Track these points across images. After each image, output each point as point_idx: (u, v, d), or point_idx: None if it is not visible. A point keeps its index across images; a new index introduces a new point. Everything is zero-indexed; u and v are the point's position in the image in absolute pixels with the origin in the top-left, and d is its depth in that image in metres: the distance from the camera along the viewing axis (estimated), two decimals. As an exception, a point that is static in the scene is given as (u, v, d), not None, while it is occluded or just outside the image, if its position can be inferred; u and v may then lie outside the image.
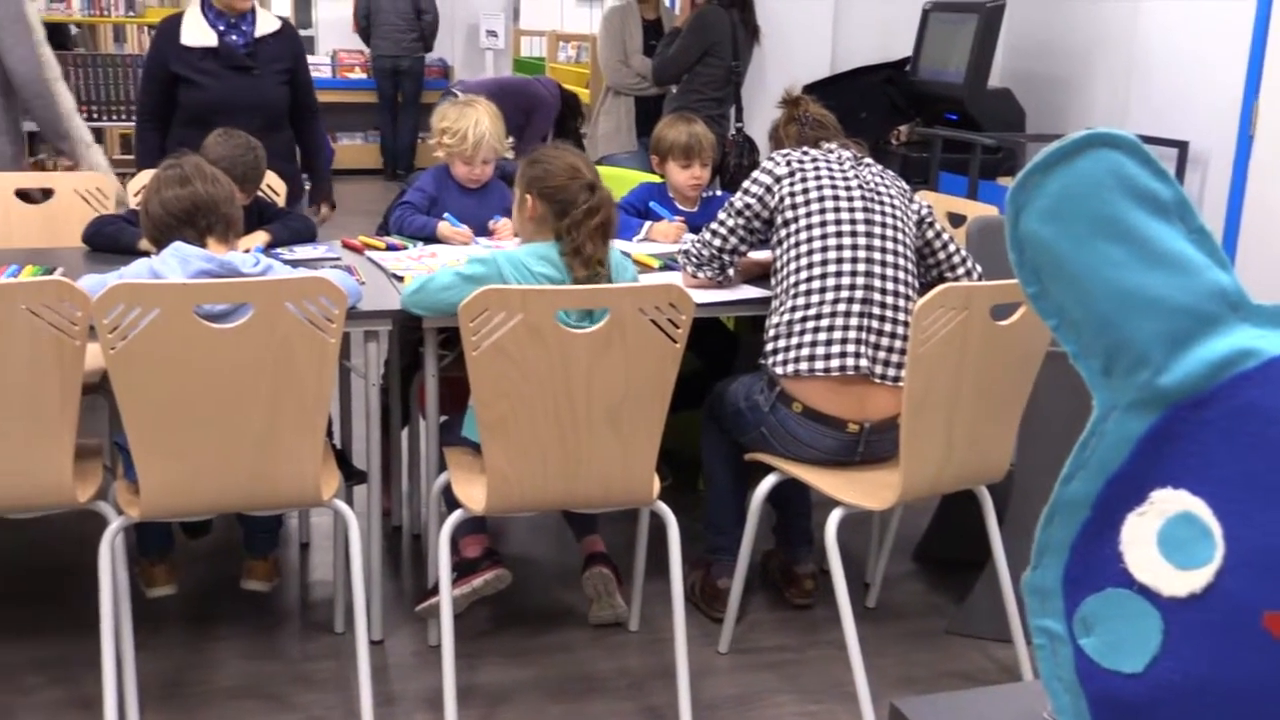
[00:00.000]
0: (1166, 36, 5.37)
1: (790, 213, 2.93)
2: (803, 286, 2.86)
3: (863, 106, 6.16)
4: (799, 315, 2.85)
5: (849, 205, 2.91)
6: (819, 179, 2.95)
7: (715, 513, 3.16)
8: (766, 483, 2.84)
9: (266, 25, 4.08)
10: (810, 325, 2.83)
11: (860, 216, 2.90)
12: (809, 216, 2.91)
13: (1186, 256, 0.78)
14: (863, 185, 2.95)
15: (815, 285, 2.85)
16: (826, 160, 3.00)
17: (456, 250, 3.45)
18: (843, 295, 2.83)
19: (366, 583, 2.73)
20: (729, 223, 3.03)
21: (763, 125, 4.02)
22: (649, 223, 3.79)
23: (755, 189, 3.00)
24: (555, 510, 2.90)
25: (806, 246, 2.89)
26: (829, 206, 2.91)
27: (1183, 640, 0.75)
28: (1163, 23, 5.38)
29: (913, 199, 3.06)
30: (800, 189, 2.94)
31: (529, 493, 2.60)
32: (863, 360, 2.80)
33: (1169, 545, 0.76)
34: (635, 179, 4.33)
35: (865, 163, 3.04)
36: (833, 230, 2.88)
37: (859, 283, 2.84)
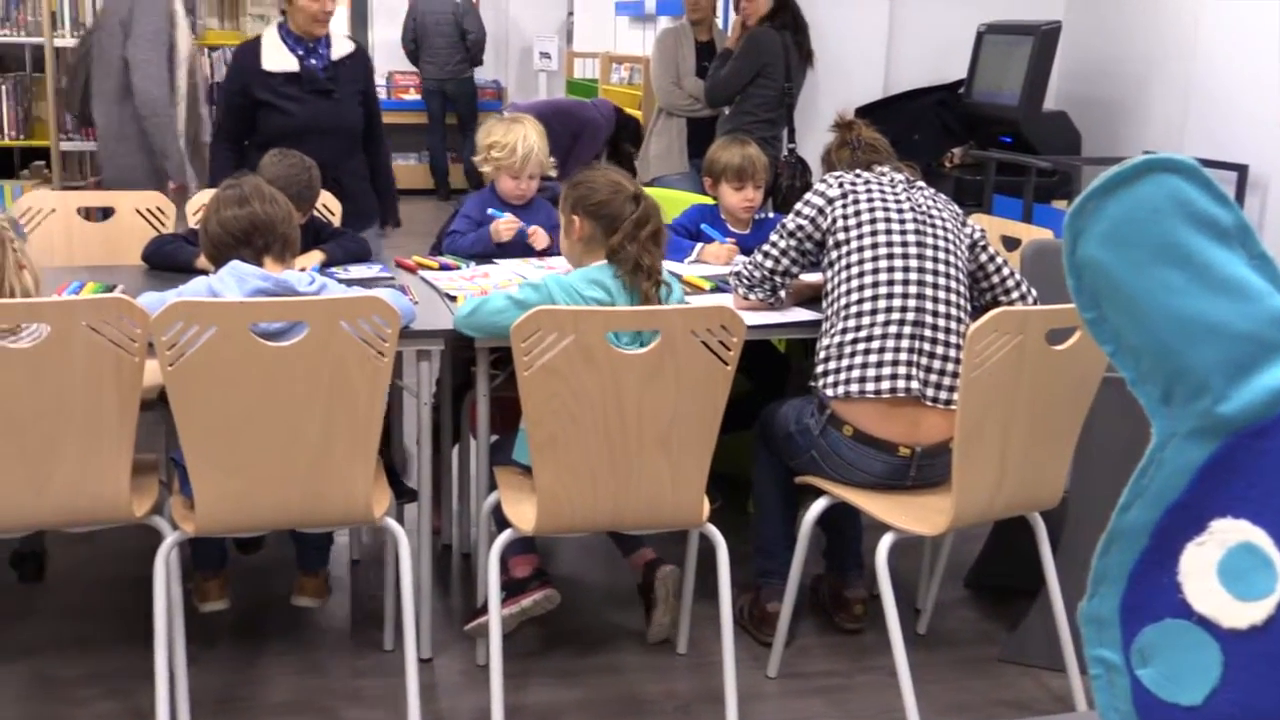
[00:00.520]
0: (1225, 59, 5.30)
1: (842, 235, 2.92)
2: (853, 309, 2.85)
3: (916, 129, 6.13)
4: (849, 337, 2.84)
5: (901, 228, 2.90)
6: (871, 201, 2.94)
7: (765, 536, 3.15)
8: (817, 506, 2.82)
9: (342, 48, 4.14)
10: (861, 347, 2.82)
11: (912, 239, 2.89)
12: (860, 239, 2.90)
13: (1247, 283, 0.77)
14: (915, 208, 2.94)
15: (866, 307, 2.84)
16: (879, 183, 2.99)
17: (508, 269, 3.47)
18: (894, 317, 2.82)
19: (416, 601, 2.74)
20: (781, 244, 3.03)
21: (815, 147, 4.01)
22: (701, 244, 3.79)
23: (808, 211, 2.99)
24: (604, 531, 2.90)
25: (858, 269, 2.88)
26: (881, 229, 2.90)
27: (1243, 672, 0.74)
28: (1221, 45, 5.32)
29: (965, 222, 3.04)
30: (853, 211, 2.93)
31: (579, 513, 2.61)
32: (914, 382, 2.79)
33: (1229, 576, 0.75)
34: (687, 200, 4.32)
35: (918, 186, 3.03)
36: (884, 253, 2.87)
37: (910, 305, 2.83)
